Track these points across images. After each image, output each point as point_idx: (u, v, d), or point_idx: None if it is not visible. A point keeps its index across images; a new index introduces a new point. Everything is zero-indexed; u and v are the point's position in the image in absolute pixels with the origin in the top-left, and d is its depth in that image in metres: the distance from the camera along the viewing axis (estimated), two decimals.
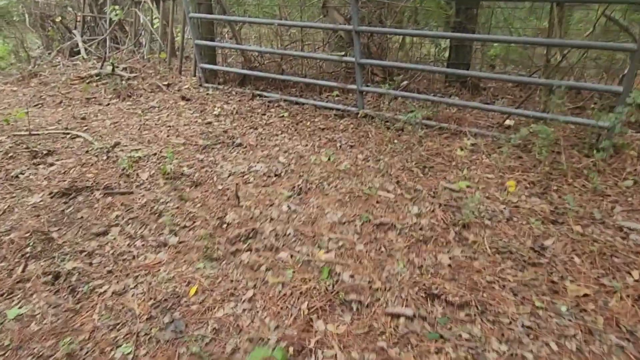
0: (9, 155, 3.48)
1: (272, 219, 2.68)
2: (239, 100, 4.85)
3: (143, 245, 2.45)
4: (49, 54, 8.22)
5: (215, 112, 4.49)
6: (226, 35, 6.11)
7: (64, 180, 3.12)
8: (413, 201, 2.84)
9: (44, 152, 3.51)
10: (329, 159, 3.50)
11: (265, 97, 4.89)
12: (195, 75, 5.58)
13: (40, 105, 5.04)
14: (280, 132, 4.12)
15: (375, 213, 2.71)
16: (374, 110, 4.39)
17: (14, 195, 2.93)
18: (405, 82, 4.07)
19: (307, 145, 3.83)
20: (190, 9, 4.96)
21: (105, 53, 6.00)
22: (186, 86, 5.35)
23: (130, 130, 4.08)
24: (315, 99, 4.89)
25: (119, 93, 5.09)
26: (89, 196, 2.93)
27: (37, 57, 7.57)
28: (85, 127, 4.14)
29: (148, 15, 7.20)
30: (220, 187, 3.10)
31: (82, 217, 2.71)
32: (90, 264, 2.29)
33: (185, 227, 2.61)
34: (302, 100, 4.77)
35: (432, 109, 4.21)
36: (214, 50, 5.44)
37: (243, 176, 3.27)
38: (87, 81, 5.75)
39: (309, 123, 4.33)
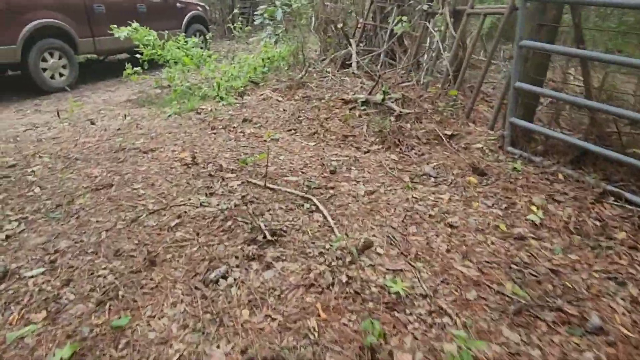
0: (228, 224, 2.44)
1: None
2: (574, 198, 2.75)
3: None
4: (322, 60, 7.83)
5: (532, 218, 2.55)
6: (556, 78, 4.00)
7: (274, 319, 1.79)
8: None
9: (268, 232, 2.33)
10: None
11: (629, 202, 2.65)
12: (493, 129, 3.75)
13: (293, 132, 4.16)
14: None
15: None
16: None
17: (199, 325, 1.77)
18: None
19: None
20: (524, 33, 3.11)
21: (378, 76, 4.82)
22: (478, 144, 3.57)
23: (391, 217, 2.57)
24: None
25: (384, 137, 3.73)
26: None
27: (310, 64, 7.17)
28: (331, 191, 2.87)
29: (437, 30, 5.73)
30: None
31: None
32: None
33: None
34: None
35: None
36: (536, 99, 3.46)
37: None
38: (351, 107, 4.67)
39: None
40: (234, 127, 4.31)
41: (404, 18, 5.85)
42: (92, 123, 5.07)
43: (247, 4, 14.29)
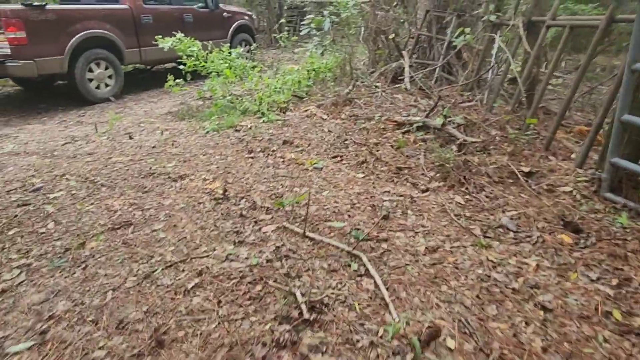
0: (257, 289, 1.98)
1: None
2: None
3: None
4: (371, 73, 7.33)
5: None
6: None
7: None
8: None
9: (305, 306, 1.85)
10: None
11: None
12: (582, 167, 3.08)
13: (338, 159, 3.67)
14: None
15: None
16: None
17: None
18: None
19: None
20: (639, 54, 2.46)
21: (438, 97, 4.24)
22: (564, 185, 2.92)
23: (462, 289, 2.01)
24: None
25: (446, 172, 3.16)
26: None
27: (358, 77, 6.68)
28: (384, 245, 2.35)
29: (506, 44, 5.05)
30: None
31: None
32: None
33: None
34: None
35: None
36: None
37: None
38: (404, 130, 4.12)
39: None
40: (273, 151, 3.89)
41: (466, 30, 5.24)
42: (130, 137, 4.86)
43: (294, 13, 14.06)
